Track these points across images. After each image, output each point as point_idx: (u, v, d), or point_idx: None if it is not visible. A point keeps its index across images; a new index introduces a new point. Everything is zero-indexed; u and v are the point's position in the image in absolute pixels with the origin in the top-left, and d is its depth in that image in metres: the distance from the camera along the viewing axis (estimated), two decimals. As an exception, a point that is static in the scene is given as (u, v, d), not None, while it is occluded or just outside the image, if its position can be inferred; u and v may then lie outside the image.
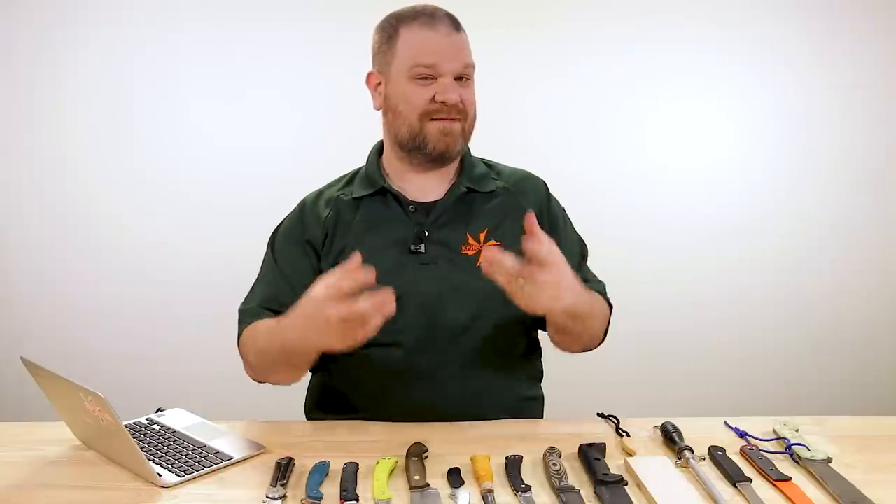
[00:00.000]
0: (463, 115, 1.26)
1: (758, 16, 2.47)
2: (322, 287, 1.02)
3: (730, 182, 2.54)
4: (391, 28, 1.27)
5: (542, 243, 1.03)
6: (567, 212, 1.42)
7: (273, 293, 1.32)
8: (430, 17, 1.25)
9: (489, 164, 1.41)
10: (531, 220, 1.04)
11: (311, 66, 2.47)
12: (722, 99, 2.51)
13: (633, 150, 2.53)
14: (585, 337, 1.27)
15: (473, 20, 2.36)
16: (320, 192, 1.40)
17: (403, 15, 1.27)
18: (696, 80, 2.50)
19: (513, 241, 1.29)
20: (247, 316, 1.31)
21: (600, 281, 1.41)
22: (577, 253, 1.39)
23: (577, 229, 1.43)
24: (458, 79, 1.25)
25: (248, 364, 1.28)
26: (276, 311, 1.26)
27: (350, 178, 1.40)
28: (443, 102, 1.23)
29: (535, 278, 1.03)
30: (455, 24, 1.26)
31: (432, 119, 1.25)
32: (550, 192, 1.40)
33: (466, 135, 1.30)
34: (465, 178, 1.34)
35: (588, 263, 1.43)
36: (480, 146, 1.42)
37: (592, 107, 2.51)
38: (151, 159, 2.51)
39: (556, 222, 1.36)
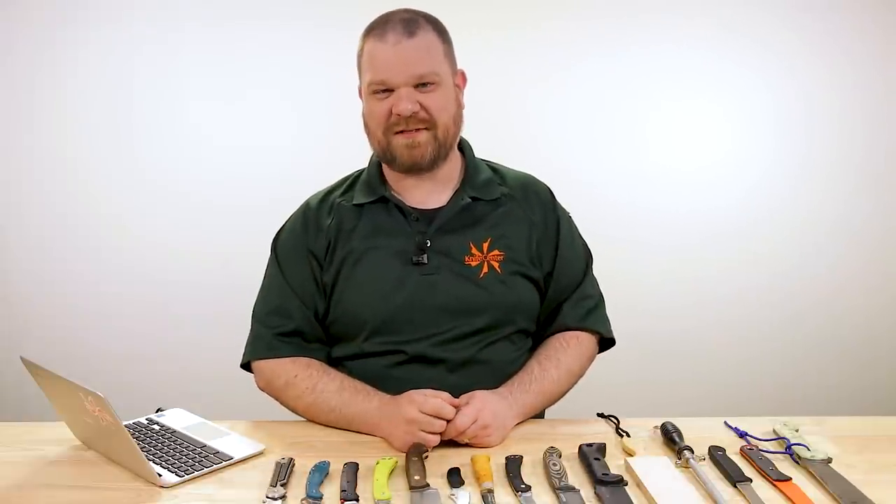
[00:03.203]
0: (429, 122, 1.22)
1: (758, 16, 2.47)
2: (416, 408, 1.12)
3: (730, 183, 2.54)
4: (361, 41, 1.25)
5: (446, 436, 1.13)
6: (572, 217, 1.41)
7: (278, 305, 1.32)
8: (382, 26, 1.21)
9: (494, 168, 1.39)
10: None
11: (311, 66, 2.47)
12: (722, 99, 2.51)
13: (634, 151, 2.53)
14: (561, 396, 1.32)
15: (473, 20, 2.37)
16: (324, 197, 1.37)
17: (368, 27, 1.25)
18: (696, 80, 2.50)
19: (516, 251, 1.29)
20: (262, 345, 1.31)
21: (600, 297, 1.39)
22: (581, 260, 1.39)
23: (580, 232, 1.43)
24: (423, 85, 1.20)
25: (277, 396, 1.31)
26: (288, 333, 1.30)
27: (352, 183, 1.38)
28: (399, 114, 1.20)
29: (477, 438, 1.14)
30: (409, 30, 1.19)
31: (396, 133, 1.23)
32: (556, 198, 1.39)
33: (441, 141, 1.25)
34: (468, 187, 1.31)
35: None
36: (481, 146, 1.41)
37: (592, 107, 2.51)
38: (151, 159, 2.51)
39: (559, 230, 1.35)
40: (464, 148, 1.37)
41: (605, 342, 1.39)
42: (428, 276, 1.26)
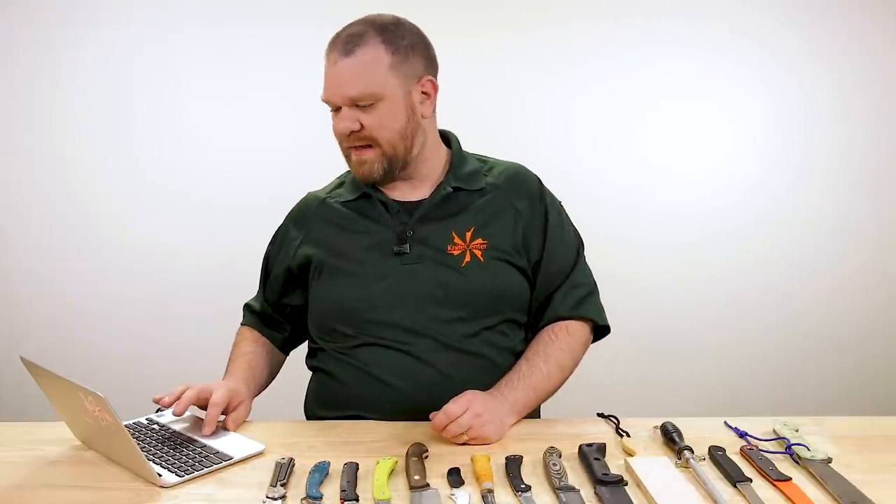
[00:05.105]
0: (370, 140, 1.24)
1: (758, 16, 2.47)
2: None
3: (730, 183, 2.55)
4: None
5: (438, 423, 1.12)
6: (563, 206, 1.40)
7: (258, 293, 1.47)
8: (331, 43, 1.25)
9: (483, 161, 1.39)
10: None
11: (311, 66, 2.44)
12: (722, 100, 2.51)
13: (634, 151, 2.53)
14: (555, 389, 1.31)
15: (474, 21, 2.37)
16: (315, 195, 1.42)
17: None
18: (696, 81, 2.50)
19: (500, 240, 1.29)
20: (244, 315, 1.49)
21: (593, 285, 1.38)
22: (572, 247, 1.38)
23: (575, 227, 1.42)
24: (361, 104, 1.22)
25: None
26: (255, 310, 1.45)
27: (341, 182, 1.41)
28: (336, 133, 1.26)
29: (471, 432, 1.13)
30: (347, 48, 1.21)
31: (349, 148, 1.28)
32: (544, 186, 1.38)
33: (391, 156, 1.26)
34: (451, 177, 1.32)
35: (587, 261, 1.42)
36: (482, 146, 1.42)
37: (592, 107, 2.51)
38: (151, 159, 2.51)
39: (547, 218, 1.34)
40: (450, 141, 1.38)
41: (601, 330, 1.38)
42: (409, 266, 1.27)
